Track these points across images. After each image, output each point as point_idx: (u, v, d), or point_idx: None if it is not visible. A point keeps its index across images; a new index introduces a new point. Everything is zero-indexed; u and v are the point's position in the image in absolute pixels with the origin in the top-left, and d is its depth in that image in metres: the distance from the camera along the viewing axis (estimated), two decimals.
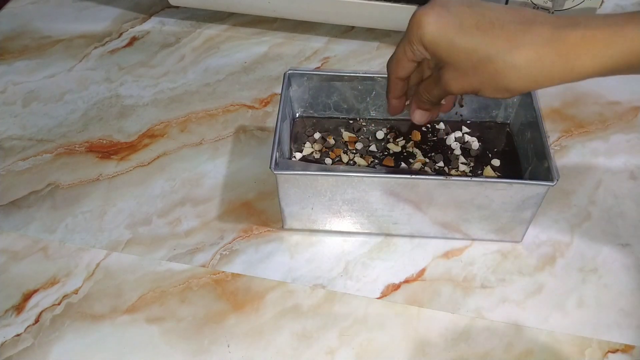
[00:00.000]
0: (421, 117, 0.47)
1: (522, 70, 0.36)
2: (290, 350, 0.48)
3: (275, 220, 0.56)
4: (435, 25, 0.37)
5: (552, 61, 0.35)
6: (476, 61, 0.36)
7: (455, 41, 0.37)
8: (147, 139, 0.64)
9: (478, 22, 0.36)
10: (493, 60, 0.36)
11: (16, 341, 0.49)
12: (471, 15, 0.37)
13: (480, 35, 0.36)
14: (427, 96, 0.44)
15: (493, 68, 0.36)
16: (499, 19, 0.36)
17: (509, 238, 0.54)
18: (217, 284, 0.52)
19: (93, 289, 0.52)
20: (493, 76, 0.37)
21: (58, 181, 0.60)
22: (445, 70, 0.39)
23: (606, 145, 0.63)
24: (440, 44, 0.37)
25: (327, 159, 0.56)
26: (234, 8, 0.74)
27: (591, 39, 0.34)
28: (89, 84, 0.71)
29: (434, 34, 0.37)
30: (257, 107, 0.68)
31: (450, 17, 0.37)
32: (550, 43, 0.35)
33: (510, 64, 0.35)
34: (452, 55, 0.37)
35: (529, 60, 0.35)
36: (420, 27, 0.37)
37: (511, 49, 0.35)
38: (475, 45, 0.36)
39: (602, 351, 0.48)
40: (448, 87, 0.40)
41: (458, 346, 0.48)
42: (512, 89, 0.37)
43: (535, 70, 0.35)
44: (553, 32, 0.35)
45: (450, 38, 0.37)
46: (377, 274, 0.52)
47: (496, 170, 0.55)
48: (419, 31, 0.37)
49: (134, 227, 0.56)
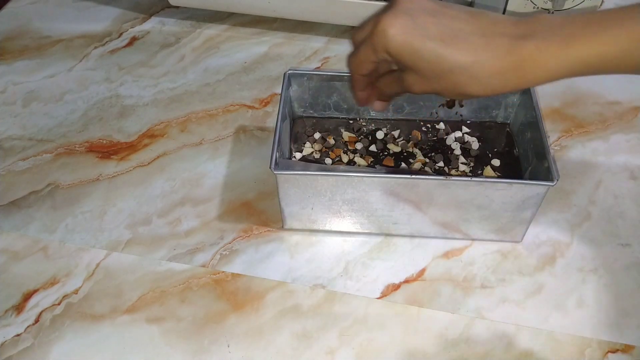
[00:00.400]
0: (381, 107, 0.48)
1: (482, 82, 0.38)
2: (290, 350, 0.48)
3: (275, 220, 0.56)
4: (401, 36, 0.38)
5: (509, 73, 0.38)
6: (439, 71, 0.38)
7: (420, 52, 0.38)
8: (147, 139, 0.64)
9: (442, 33, 0.38)
10: (456, 73, 0.38)
11: (16, 341, 0.49)
12: (435, 26, 0.38)
13: (444, 47, 0.38)
14: (388, 91, 0.45)
15: (455, 78, 0.38)
16: (462, 30, 0.38)
17: (509, 238, 0.54)
18: (217, 284, 0.52)
19: (93, 289, 0.52)
20: (454, 84, 0.39)
21: (58, 181, 0.60)
22: (408, 74, 0.40)
23: (606, 145, 0.63)
24: (405, 54, 0.38)
25: (327, 159, 0.56)
26: (234, 8, 0.74)
27: (544, 52, 0.36)
28: (89, 84, 0.71)
29: (399, 44, 0.38)
30: (257, 107, 0.68)
31: (415, 27, 0.38)
32: (507, 57, 0.37)
33: (472, 77, 0.38)
34: (416, 63, 0.39)
35: (489, 74, 0.38)
36: (386, 37, 0.38)
37: (473, 64, 0.37)
38: (439, 56, 0.38)
39: (602, 351, 0.48)
40: (409, 88, 0.42)
41: (458, 346, 0.48)
42: (470, 94, 0.39)
43: (494, 81, 0.38)
44: (510, 45, 0.37)
45: (415, 48, 0.38)
46: (377, 274, 0.52)
47: (496, 170, 0.55)
48: (384, 40, 0.38)
49: (134, 227, 0.56)
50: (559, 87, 0.68)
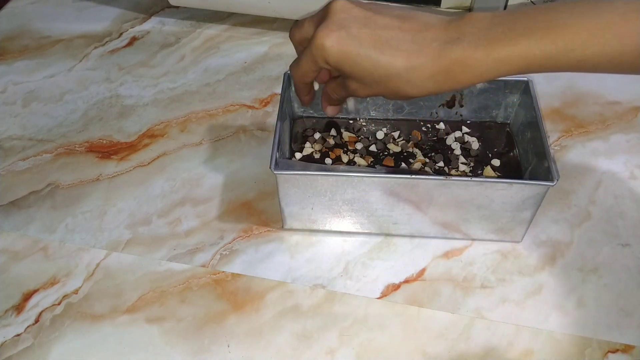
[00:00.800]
0: (333, 111, 0.51)
1: (417, 85, 0.40)
2: (290, 350, 0.48)
3: (275, 220, 0.56)
4: (337, 48, 0.40)
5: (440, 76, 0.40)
6: (377, 77, 0.41)
7: (356, 61, 0.40)
8: (147, 139, 0.64)
9: (375, 42, 0.40)
10: (392, 79, 0.40)
11: (16, 341, 0.49)
12: (369, 36, 0.40)
13: (379, 55, 0.40)
14: (335, 95, 0.47)
15: (392, 84, 0.41)
16: (394, 38, 0.40)
17: (509, 238, 0.54)
18: (217, 284, 0.52)
19: (93, 289, 0.52)
20: (393, 89, 0.41)
21: (58, 181, 0.60)
22: (350, 81, 0.43)
23: (606, 145, 0.63)
24: (344, 64, 0.41)
25: (327, 159, 0.56)
26: (234, 8, 0.74)
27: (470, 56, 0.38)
28: (89, 84, 0.71)
29: (336, 56, 0.40)
30: (257, 107, 0.68)
31: (349, 39, 0.40)
32: (438, 61, 0.39)
33: (407, 81, 0.40)
34: (355, 72, 0.41)
35: (422, 78, 0.40)
36: (324, 50, 0.40)
37: (407, 70, 0.40)
38: (374, 64, 0.40)
39: (602, 351, 0.48)
40: (354, 93, 0.44)
41: (458, 346, 0.48)
42: (409, 96, 0.42)
43: (428, 84, 0.40)
44: (440, 49, 0.39)
45: (352, 58, 0.40)
46: (377, 274, 0.52)
47: (496, 170, 0.55)
48: (323, 53, 0.41)
49: (134, 227, 0.56)
50: (559, 87, 0.68)
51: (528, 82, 0.55)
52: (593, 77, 0.68)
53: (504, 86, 0.56)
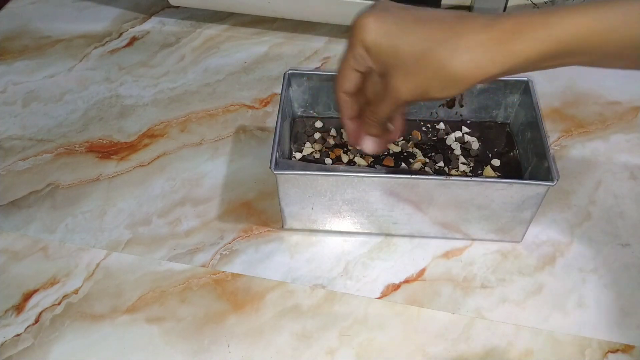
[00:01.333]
0: (372, 146, 0.46)
1: (464, 56, 0.36)
2: (290, 350, 0.48)
3: (275, 220, 0.56)
4: (376, 25, 0.38)
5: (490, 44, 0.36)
6: (419, 54, 0.37)
7: (396, 38, 0.38)
8: (147, 139, 0.64)
9: (417, 18, 0.38)
10: (436, 51, 0.37)
11: (16, 341, 0.49)
12: (410, 14, 0.38)
13: (420, 28, 0.37)
14: (375, 115, 0.43)
15: (436, 59, 0.37)
16: (436, 16, 0.38)
17: (509, 238, 0.54)
18: (217, 284, 0.52)
19: (93, 289, 0.52)
20: (438, 68, 0.37)
21: (58, 181, 0.60)
22: (390, 75, 0.39)
23: (606, 145, 0.63)
24: (382, 44, 0.38)
25: (327, 159, 0.56)
26: (234, 8, 0.74)
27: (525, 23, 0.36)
28: (89, 84, 0.71)
29: (375, 35, 0.38)
30: (257, 107, 0.68)
31: (390, 17, 0.38)
32: (486, 29, 0.36)
33: (453, 52, 0.36)
34: (394, 53, 0.38)
35: (469, 46, 0.36)
36: (362, 30, 0.38)
37: (452, 36, 0.36)
38: (416, 38, 0.37)
39: (602, 351, 0.48)
40: (396, 93, 0.39)
41: (458, 346, 0.48)
42: (459, 78, 0.37)
43: (477, 55, 0.36)
44: (488, 21, 0.37)
45: (392, 36, 0.38)
46: (377, 274, 0.52)
47: (496, 170, 0.55)
48: (361, 34, 0.38)
49: (134, 227, 0.56)
50: (559, 87, 0.69)
51: (528, 82, 0.55)
52: (593, 77, 0.68)
53: (504, 86, 0.56)
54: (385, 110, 0.42)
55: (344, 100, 0.43)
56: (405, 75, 0.38)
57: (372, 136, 0.46)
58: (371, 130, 0.45)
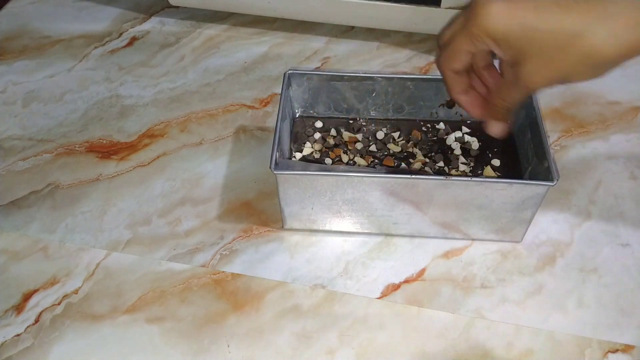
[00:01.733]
0: (498, 129, 0.43)
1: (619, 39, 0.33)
2: (290, 350, 0.48)
3: (275, 220, 0.56)
4: (506, 13, 0.33)
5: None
6: (564, 41, 0.33)
7: (534, 25, 0.33)
8: (147, 139, 0.64)
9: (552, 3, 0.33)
10: (585, 36, 0.33)
11: (16, 341, 0.49)
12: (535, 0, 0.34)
13: (564, 12, 0.33)
14: (505, 102, 0.40)
15: (586, 44, 0.33)
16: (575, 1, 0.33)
17: (509, 238, 0.54)
18: (217, 284, 0.52)
19: (93, 289, 0.52)
20: (586, 54, 0.33)
21: (58, 181, 0.60)
22: (524, 64, 0.35)
23: (606, 145, 0.63)
24: (516, 33, 0.34)
25: (327, 159, 0.56)
26: (234, 8, 0.74)
27: None
28: (89, 84, 0.71)
29: (506, 24, 0.34)
30: (257, 107, 0.68)
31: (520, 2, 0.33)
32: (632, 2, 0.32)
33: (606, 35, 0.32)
34: (532, 42, 0.34)
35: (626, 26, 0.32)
36: (488, 18, 0.34)
37: (605, 18, 0.32)
38: (560, 23, 0.33)
39: (602, 351, 0.48)
40: (530, 82, 0.36)
41: (458, 346, 0.48)
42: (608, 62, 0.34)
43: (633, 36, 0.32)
44: None
45: (528, 23, 0.33)
46: (377, 274, 0.52)
47: (496, 170, 0.55)
48: (486, 23, 0.34)
49: (134, 227, 0.56)
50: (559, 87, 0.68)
51: None
52: None
53: None
54: (516, 98, 0.39)
55: (452, 78, 0.41)
56: (544, 63, 0.35)
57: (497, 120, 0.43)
58: (497, 115, 0.42)
